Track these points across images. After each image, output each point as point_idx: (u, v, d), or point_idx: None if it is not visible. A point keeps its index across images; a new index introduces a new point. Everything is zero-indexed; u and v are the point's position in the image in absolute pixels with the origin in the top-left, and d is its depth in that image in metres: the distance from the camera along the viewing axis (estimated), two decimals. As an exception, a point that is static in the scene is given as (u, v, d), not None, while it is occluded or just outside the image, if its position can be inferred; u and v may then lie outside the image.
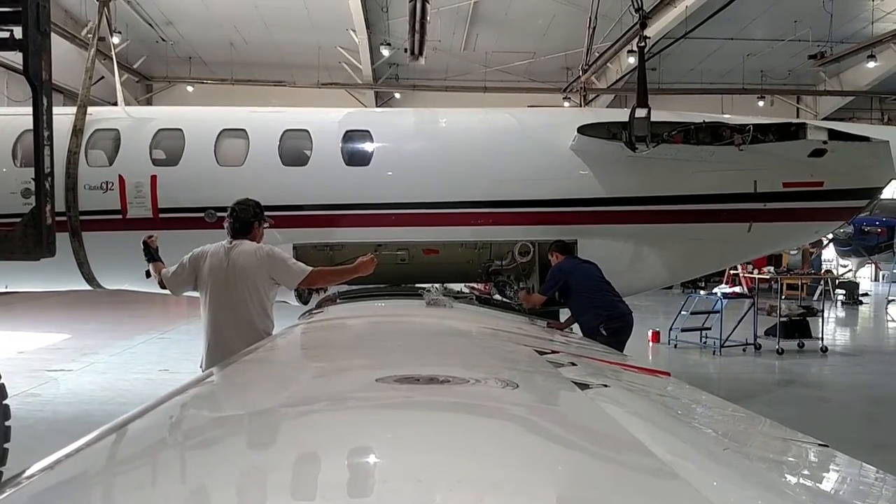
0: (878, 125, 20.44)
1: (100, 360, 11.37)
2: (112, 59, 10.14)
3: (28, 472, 1.35)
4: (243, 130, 8.15)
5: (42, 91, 4.46)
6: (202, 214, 7.65)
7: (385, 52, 21.74)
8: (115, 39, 11.56)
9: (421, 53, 15.67)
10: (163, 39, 22.45)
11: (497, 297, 8.03)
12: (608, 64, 22.29)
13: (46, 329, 14.46)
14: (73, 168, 7.63)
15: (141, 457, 1.54)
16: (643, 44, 8.37)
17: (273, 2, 19.30)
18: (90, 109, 8.06)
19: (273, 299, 5.02)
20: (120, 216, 7.76)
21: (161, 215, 7.77)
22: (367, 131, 8.30)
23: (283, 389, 2.20)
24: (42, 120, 4.49)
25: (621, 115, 8.20)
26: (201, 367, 4.90)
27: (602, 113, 12.65)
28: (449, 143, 8.50)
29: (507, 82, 24.14)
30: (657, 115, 7.81)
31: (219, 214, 5.18)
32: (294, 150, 8.15)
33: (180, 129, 8.12)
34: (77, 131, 7.74)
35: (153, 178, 7.81)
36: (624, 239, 8.17)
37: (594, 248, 7.89)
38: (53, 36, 4.92)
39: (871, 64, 21.67)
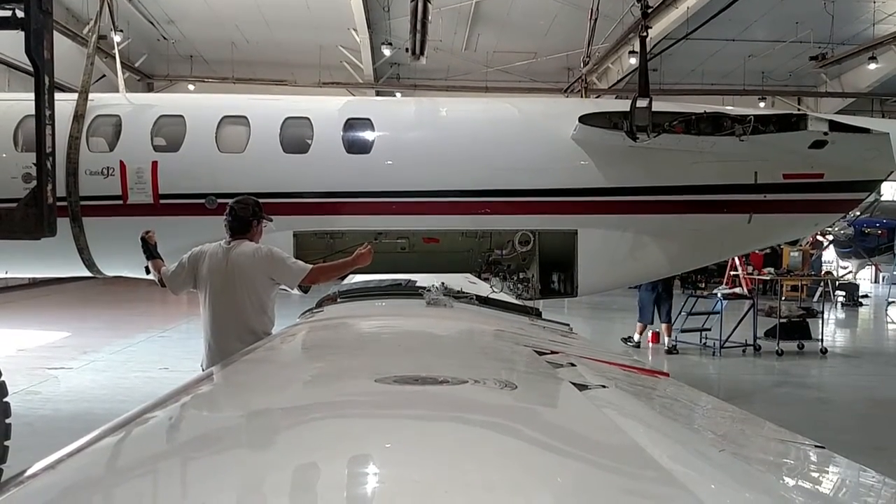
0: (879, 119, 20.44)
1: (100, 359, 11.33)
2: (114, 56, 10.14)
3: (29, 472, 1.35)
4: (244, 117, 8.15)
5: (44, 70, 4.46)
6: (203, 201, 7.66)
7: (386, 51, 21.74)
8: (117, 38, 11.55)
9: (422, 53, 15.66)
10: (164, 38, 22.43)
11: (495, 290, 8.04)
12: (609, 65, 22.31)
13: (47, 327, 14.40)
14: (74, 153, 7.64)
15: (141, 457, 1.54)
16: (645, 34, 8.38)
17: (275, 1, 19.29)
18: (91, 95, 8.04)
19: (273, 299, 5.00)
20: (121, 202, 7.77)
21: (162, 201, 7.78)
22: (368, 119, 8.30)
23: (281, 390, 2.20)
24: (44, 99, 4.49)
25: (622, 105, 8.18)
26: (202, 366, 4.90)
27: (603, 103, 12.62)
28: (450, 131, 8.50)
29: (508, 82, 24.11)
30: (658, 106, 7.81)
31: (219, 201, 5.14)
32: (295, 137, 8.14)
33: (181, 116, 8.12)
34: (78, 117, 7.74)
35: (154, 164, 7.81)
36: (624, 229, 8.16)
37: (594, 238, 7.89)
38: (56, 34, 4.92)
39: (872, 65, 21.69)
